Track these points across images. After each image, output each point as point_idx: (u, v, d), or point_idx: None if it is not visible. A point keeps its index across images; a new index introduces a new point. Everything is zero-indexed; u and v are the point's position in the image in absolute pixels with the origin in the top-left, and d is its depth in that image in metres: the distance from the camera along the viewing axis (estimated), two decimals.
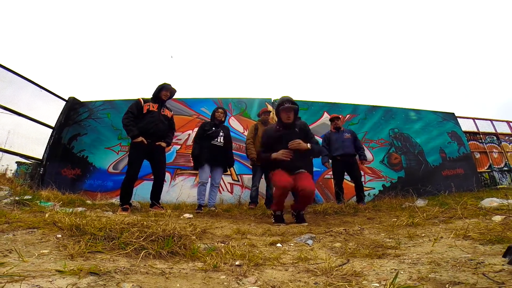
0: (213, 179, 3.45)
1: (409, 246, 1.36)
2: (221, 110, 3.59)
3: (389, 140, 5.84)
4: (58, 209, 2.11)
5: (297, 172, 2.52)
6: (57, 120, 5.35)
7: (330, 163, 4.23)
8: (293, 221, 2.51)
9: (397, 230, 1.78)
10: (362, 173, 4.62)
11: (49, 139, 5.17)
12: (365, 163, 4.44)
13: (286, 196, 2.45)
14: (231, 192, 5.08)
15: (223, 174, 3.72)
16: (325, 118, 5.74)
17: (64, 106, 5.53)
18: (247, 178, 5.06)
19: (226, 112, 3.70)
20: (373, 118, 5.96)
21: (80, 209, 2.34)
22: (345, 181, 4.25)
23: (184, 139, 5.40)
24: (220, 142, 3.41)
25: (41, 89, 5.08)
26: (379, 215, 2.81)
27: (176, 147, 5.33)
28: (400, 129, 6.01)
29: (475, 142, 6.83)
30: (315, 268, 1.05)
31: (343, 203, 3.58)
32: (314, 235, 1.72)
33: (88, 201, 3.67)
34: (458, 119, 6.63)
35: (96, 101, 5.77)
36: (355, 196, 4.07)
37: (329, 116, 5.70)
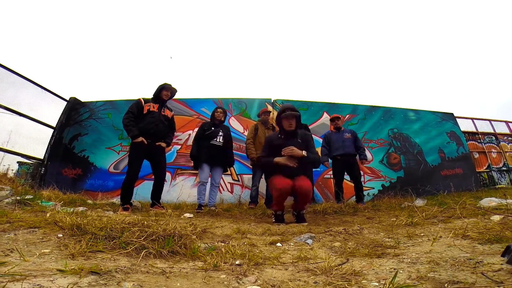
0: (213, 178, 3.45)
1: (408, 246, 1.36)
2: (220, 110, 3.59)
3: (388, 140, 5.85)
4: (59, 208, 2.12)
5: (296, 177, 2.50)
6: (58, 120, 5.36)
7: (330, 162, 4.24)
8: (293, 220, 2.52)
9: (396, 229, 1.79)
10: (362, 173, 4.63)
11: (50, 139, 5.17)
12: (365, 163, 4.45)
13: (285, 198, 2.45)
14: (231, 192, 5.09)
15: (224, 174, 3.72)
16: (325, 118, 5.75)
17: (65, 106, 5.53)
18: (247, 178, 5.07)
19: (226, 112, 3.69)
20: (372, 118, 5.97)
21: (81, 208, 2.35)
22: (345, 181, 4.25)
23: (185, 139, 5.41)
24: (219, 141, 3.40)
25: (43, 90, 5.08)
26: (378, 215, 2.82)
27: (177, 147, 5.34)
28: (399, 129, 6.02)
29: (474, 142, 6.85)
30: (314, 267, 1.06)
31: (343, 202, 3.58)
32: (314, 235, 1.72)
33: (89, 201, 3.67)
34: (457, 119, 6.64)
35: (97, 101, 5.79)
36: (355, 196, 4.08)
37: (328, 116, 5.71)
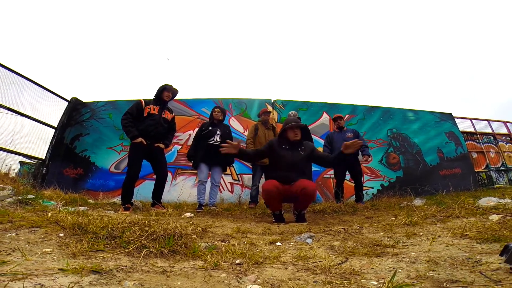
0: (213, 178, 3.45)
1: (407, 245, 1.37)
2: (218, 110, 3.58)
3: (387, 140, 5.86)
4: (60, 208, 2.12)
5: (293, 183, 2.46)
6: (59, 121, 5.36)
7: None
8: (293, 220, 2.53)
9: (395, 229, 1.79)
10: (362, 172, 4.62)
11: (51, 139, 5.17)
12: (368, 159, 4.42)
13: (275, 200, 2.42)
14: (232, 192, 5.09)
15: (224, 174, 3.71)
16: (324, 119, 5.76)
17: (66, 107, 5.53)
18: (247, 178, 5.07)
19: (225, 111, 3.69)
20: (371, 119, 5.98)
21: (82, 208, 2.35)
22: (345, 181, 4.26)
23: (185, 139, 5.42)
24: (217, 141, 3.37)
25: (44, 90, 5.08)
26: (377, 214, 2.83)
27: (177, 147, 5.35)
28: (398, 129, 6.03)
29: (472, 142, 6.86)
30: (314, 266, 1.07)
31: (342, 202, 3.59)
32: (314, 234, 1.73)
33: (90, 201, 3.66)
34: (456, 119, 6.66)
35: (98, 102, 5.79)
36: (354, 196, 4.08)
37: (328, 117, 5.73)
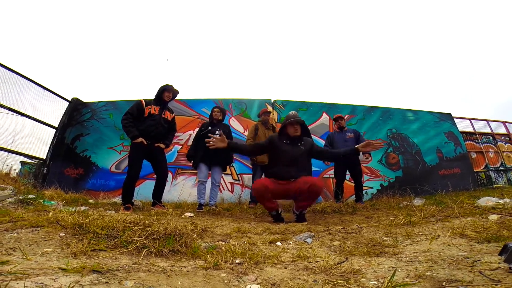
0: (213, 178, 3.44)
1: (407, 245, 1.37)
2: (217, 109, 3.57)
3: (387, 140, 5.87)
4: (61, 208, 2.11)
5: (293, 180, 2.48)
6: (60, 121, 5.36)
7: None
8: (292, 219, 2.53)
9: (394, 228, 1.80)
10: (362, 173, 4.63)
11: (52, 139, 5.17)
12: (369, 158, 4.43)
13: (264, 198, 2.45)
14: (232, 191, 5.09)
15: (224, 174, 3.69)
16: (324, 119, 5.77)
17: (67, 107, 5.53)
18: (247, 178, 5.08)
19: (224, 111, 3.68)
20: (371, 119, 5.99)
21: (83, 208, 2.35)
22: (345, 181, 4.27)
23: (185, 139, 5.42)
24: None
25: (45, 90, 5.08)
26: (377, 214, 2.84)
27: (178, 147, 5.35)
28: (397, 129, 6.04)
29: (471, 142, 6.87)
30: (314, 266, 1.07)
31: (342, 202, 3.60)
32: (313, 234, 1.73)
33: (91, 200, 3.66)
34: (455, 119, 6.67)
35: (98, 102, 5.79)
36: (354, 195, 4.09)
37: (328, 117, 5.74)
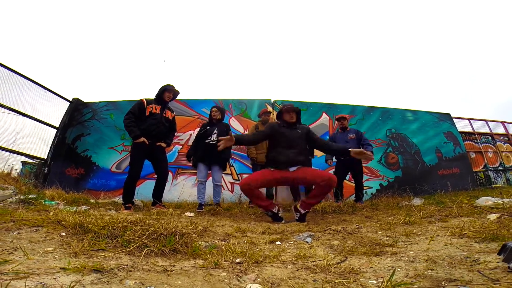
0: (213, 178, 3.43)
1: (406, 244, 1.38)
2: (216, 109, 3.57)
3: (386, 140, 5.88)
4: (62, 207, 2.11)
5: (296, 168, 2.52)
6: (61, 121, 5.35)
7: (334, 161, 4.26)
8: (292, 219, 2.53)
9: (394, 228, 1.80)
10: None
11: (53, 139, 5.17)
12: (371, 156, 4.42)
13: (252, 196, 2.58)
14: (232, 191, 5.09)
15: (224, 174, 3.69)
16: (324, 119, 5.77)
17: (68, 107, 5.53)
18: None
19: (223, 110, 3.68)
20: (370, 119, 6.00)
21: (83, 207, 2.35)
22: (345, 180, 4.27)
23: (186, 139, 5.42)
24: (213, 140, 3.34)
25: (46, 90, 5.07)
26: (376, 214, 2.84)
27: (178, 147, 5.35)
28: (397, 129, 6.05)
29: (470, 142, 6.89)
30: (313, 265, 1.07)
31: (341, 202, 3.61)
32: (313, 233, 1.74)
33: (92, 200, 3.65)
34: (454, 119, 6.68)
35: (99, 102, 5.78)
36: (354, 195, 4.10)
37: (327, 117, 5.74)
